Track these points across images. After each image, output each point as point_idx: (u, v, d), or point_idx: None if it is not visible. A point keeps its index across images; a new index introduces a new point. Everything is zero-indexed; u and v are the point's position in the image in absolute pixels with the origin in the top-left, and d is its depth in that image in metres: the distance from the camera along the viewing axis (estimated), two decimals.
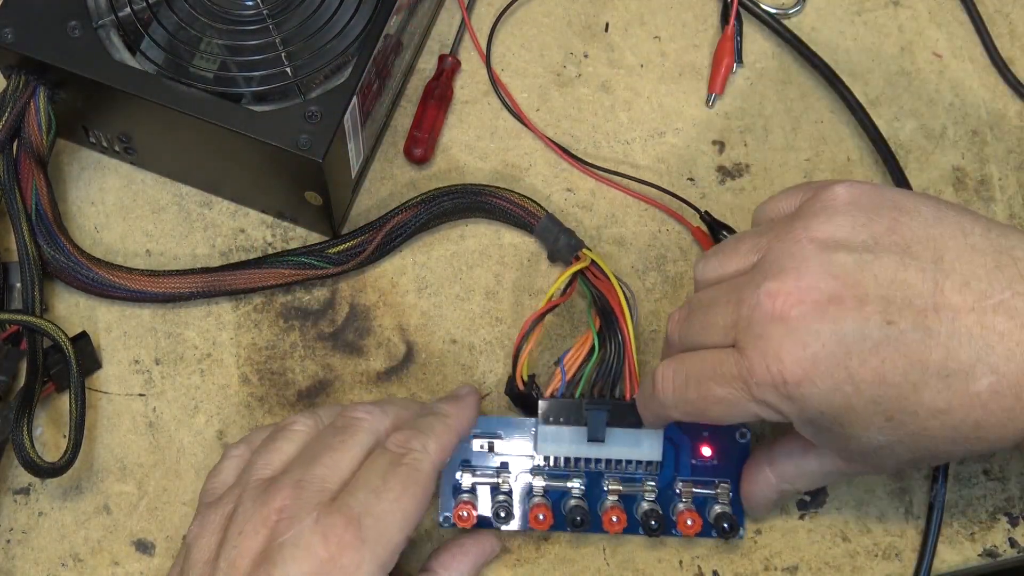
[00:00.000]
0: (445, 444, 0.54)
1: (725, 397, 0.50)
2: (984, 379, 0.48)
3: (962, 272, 0.48)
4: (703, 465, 0.59)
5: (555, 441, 0.58)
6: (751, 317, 0.49)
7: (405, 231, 0.64)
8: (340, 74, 0.60)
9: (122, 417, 0.62)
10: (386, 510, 0.50)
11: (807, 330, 0.48)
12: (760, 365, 0.49)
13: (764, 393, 0.49)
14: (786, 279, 0.49)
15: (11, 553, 0.60)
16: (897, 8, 0.72)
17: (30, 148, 0.61)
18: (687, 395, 0.52)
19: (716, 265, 0.54)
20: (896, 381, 0.48)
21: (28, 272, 0.61)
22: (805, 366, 0.48)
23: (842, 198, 0.51)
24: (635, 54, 0.70)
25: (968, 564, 0.61)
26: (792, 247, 0.50)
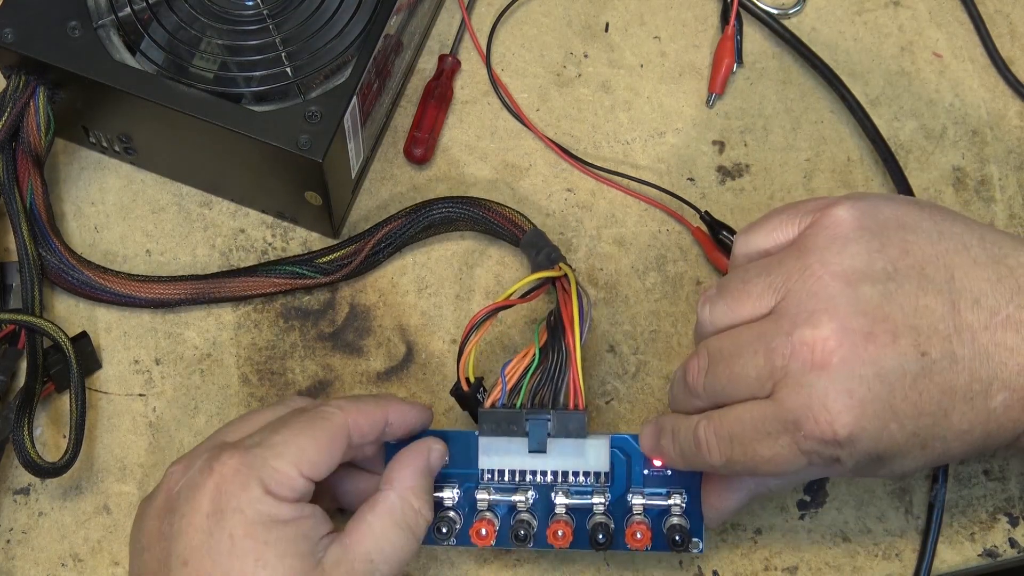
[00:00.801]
0: (368, 412, 0.53)
1: (773, 457, 0.48)
2: (999, 395, 0.48)
3: (971, 289, 0.48)
4: (656, 475, 0.56)
5: (497, 454, 0.56)
6: (788, 368, 0.48)
7: (394, 242, 0.64)
8: (340, 74, 0.60)
9: (122, 417, 0.62)
10: (278, 441, 0.50)
11: (850, 376, 0.47)
12: (807, 419, 0.47)
13: (812, 446, 0.48)
14: (819, 324, 0.47)
15: (11, 553, 0.60)
16: (897, 8, 0.72)
17: (28, 148, 0.61)
18: (734, 456, 0.49)
19: (726, 310, 0.51)
20: (931, 410, 0.48)
21: (28, 272, 0.61)
22: (855, 413, 0.47)
23: (848, 222, 0.49)
24: (635, 54, 0.70)
25: (968, 564, 0.61)
26: (814, 286, 0.48)
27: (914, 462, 0.49)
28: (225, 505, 0.48)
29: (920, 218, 0.50)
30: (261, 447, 0.50)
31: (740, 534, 0.61)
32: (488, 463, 0.56)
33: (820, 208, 0.51)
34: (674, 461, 0.53)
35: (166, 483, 0.51)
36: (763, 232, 0.53)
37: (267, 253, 0.65)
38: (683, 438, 0.52)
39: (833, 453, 0.48)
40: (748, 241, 0.53)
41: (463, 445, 0.56)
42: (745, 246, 0.53)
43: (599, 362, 0.64)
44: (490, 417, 0.56)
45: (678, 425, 0.53)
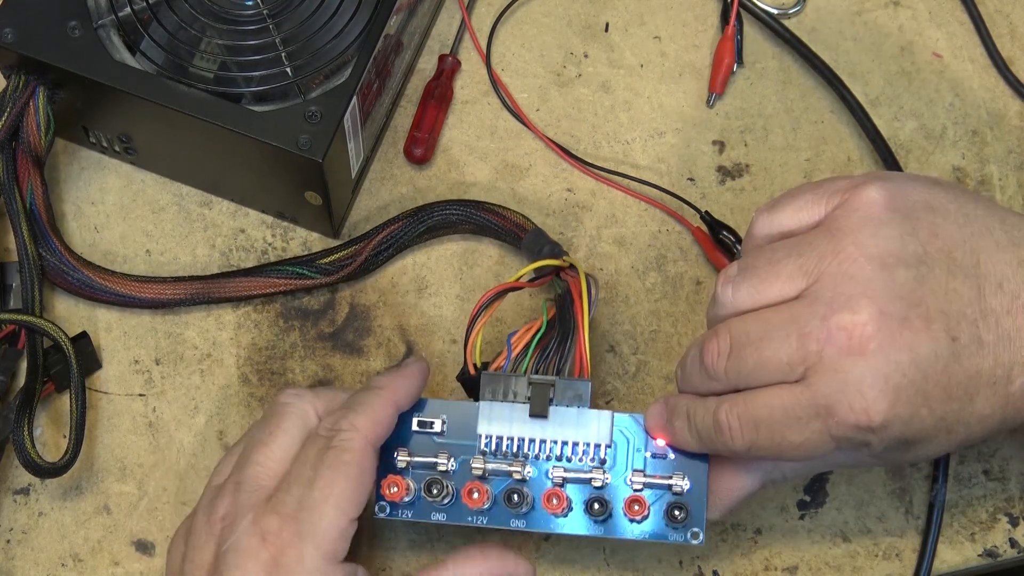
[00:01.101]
0: (377, 417, 0.52)
1: (803, 442, 0.48)
2: (1019, 379, 0.48)
3: (995, 274, 0.48)
4: (658, 459, 0.54)
5: (497, 419, 0.54)
6: (822, 353, 0.47)
7: (395, 244, 0.64)
8: (340, 74, 0.60)
9: (122, 417, 0.62)
10: (319, 499, 0.50)
11: (887, 362, 0.46)
12: (841, 404, 0.47)
13: (844, 431, 0.47)
14: (857, 309, 0.47)
15: (11, 553, 0.60)
16: (897, 8, 0.72)
17: (27, 148, 0.61)
18: (759, 441, 0.49)
19: (751, 291, 0.50)
20: (959, 395, 0.48)
21: (28, 272, 0.61)
22: (890, 399, 0.47)
23: (879, 203, 0.49)
24: (635, 54, 0.70)
25: (968, 564, 0.61)
26: (849, 268, 0.48)
27: (938, 447, 0.49)
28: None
29: (946, 200, 0.50)
30: (305, 510, 0.50)
31: (740, 534, 0.61)
32: (487, 428, 0.55)
33: (849, 188, 0.50)
34: (687, 443, 0.52)
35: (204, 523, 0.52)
36: (788, 211, 0.51)
37: (267, 253, 0.65)
38: (701, 420, 0.51)
39: (865, 438, 0.47)
40: (771, 220, 0.52)
41: (463, 417, 0.55)
42: (767, 225, 0.52)
43: (599, 362, 0.64)
44: (492, 380, 0.55)
45: (694, 407, 0.51)
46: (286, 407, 0.54)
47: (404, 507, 0.54)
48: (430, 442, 0.55)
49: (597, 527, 0.54)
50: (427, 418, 0.55)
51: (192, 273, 0.65)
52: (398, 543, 0.60)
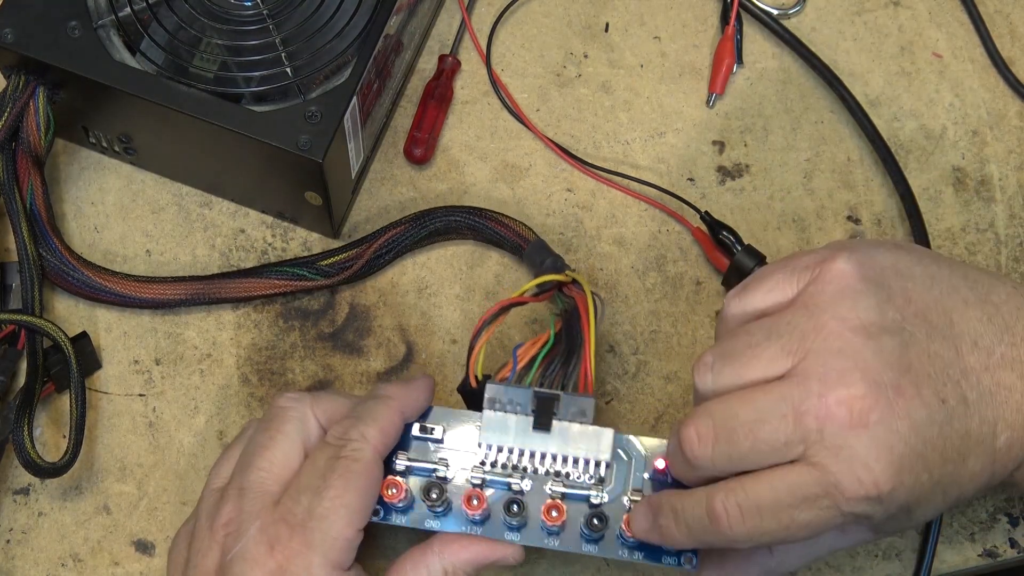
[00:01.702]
0: (386, 427, 0.52)
1: (811, 521, 0.47)
2: (1003, 435, 0.48)
3: (969, 332, 0.49)
4: (658, 481, 0.54)
5: (500, 430, 0.54)
6: (823, 430, 0.46)
7: (396, 247, 0.64)
8: (340, 74, 0.60)
9: (122, 417, 0.62)
10: (329, 508, 0.50)
11: (889, 432, 0.46)
12: (850, 479, 0.46)
13: (854, 506, 0.46)
14: (852, 383, 0.46)
15: (11, 553, 0.60)
16: (897, 8, 0.72)
17: (28, 148, 0.61)
18: (763, 527, 0.47)
19: (733, 376, 0.49)
20: (953, 457, 0.48)
21: (28, 272, 0.61)
22: (895, 468, 0.46)
23: (851, 274, 0.49)
24: (635, 54, 0.70)
25: (968, 564, 0.61)
26: (835, 343, 0.47)
27: (934, 510, 0.49)
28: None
29: (911, 263, 0.50)
30: (314, 519, 0.50)
31: None
32: (489, 438, 0.54)
33: (817, 263, 0.50)
34: (675, 540, 0.50)
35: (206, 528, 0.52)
36: (759, 293, 0.51)
37: (267, 253, 0.65)
38: (691, 514, 0.49)
39: (872, 510, 0.47)
40: (743, 303, 0.51)
41: (464, 425, 0.55)
42: (739, 307, 0.52)
43: (599, 362, 0.64)
44: (497, 392, 0.55)
45: (680, 502, 0.50)
46: (286, 411, 0.53)
47: (399, 512, 0.54)
48: (429, 448, 0.55)
49: (591, 545, 0.54)
50: (428, 424, 0.55)
51: (192, 273, 0.65)
52: (398, 544, 0.60)
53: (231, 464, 0.54)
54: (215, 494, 0.53)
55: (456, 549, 0.53)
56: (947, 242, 0.67)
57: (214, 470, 0.55)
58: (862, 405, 0.46)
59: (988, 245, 0.67)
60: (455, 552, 0.53)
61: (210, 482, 0.54)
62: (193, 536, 0.52)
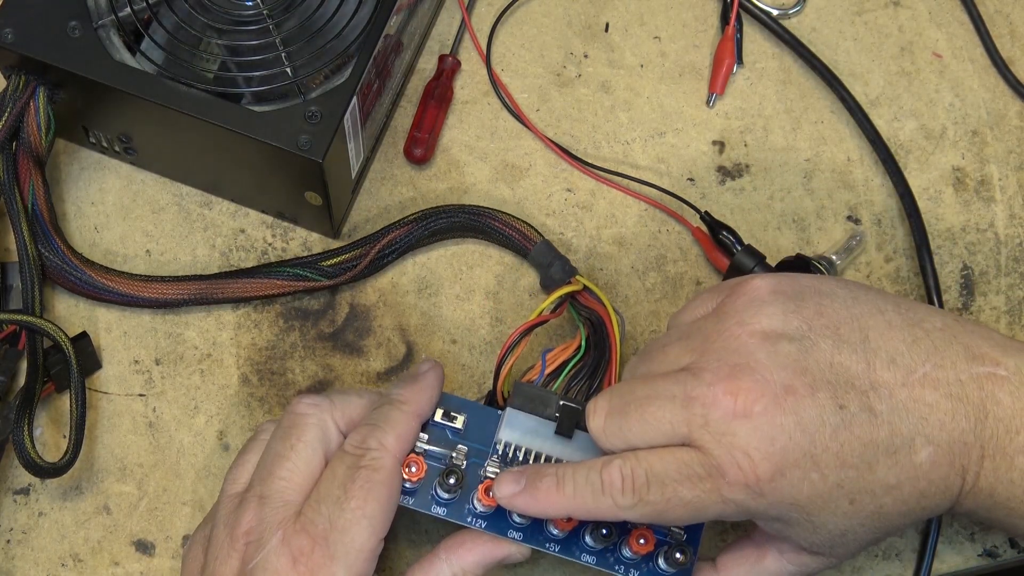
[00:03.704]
0: (404, 433, 0.53)
1: (692, 500, 0.49)
2: (923, 451, 0.49)
3: (887, 349, 0.50)
4: None
5: (521, 429, 0.54)
6: (708, 415, 0.48)
7: (399, 247, 0.64)
8: (340, 74, 0.60)
9: (122, 417, 0.62)
10: (350, 520, 0.50)
11: (772, 424, 0.48)
12: (731, 464, 0.48)
13: (735, 492, 0.48)
14: (740, 376, 0.49)
15: (11, 553, 0.60)
16: (897, 8, 0.72)
17: (28, 148, 0.61)
18: (648, 497, 0.49)
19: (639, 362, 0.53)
20: (854, 463, 0.49)
21: (28, 272, 0.61)
22: (775, 460, 0.48)
23: (764, 288, 0.51)
24: (635, 54, 0.70)
25: (968, 564, 0.61)
26: (733, 343, 0.50)
27: (845, 519, 0.50)
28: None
29: (836, 286, 0.52)
30: (336, 531, 0.50)
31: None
32: (509, 436, 0.54)
33: (739, 281, 0.52)
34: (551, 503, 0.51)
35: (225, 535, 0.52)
36: (688, 310, 0.55)
37: (267, 253, 0.65)
38: (581, 479, 0.50)
39: (755, 502, 0.48)
40: (675, 320, 0.55)
41: (481, 421, 0.55)
42: (673, 324, 0.55)
43: None
44: (524, 392, 0.55)
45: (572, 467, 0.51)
46: (305, 418, 0.53)
47: (407, 493, 0.54)
48: (447, 437, 0.55)
49: (588, 556, 0.54)
50: (453, 412, 0.55)
51: (192, 273, 0.65)
52: (395, 544, 0.60)
53: (247, 469, 0.54)
54: (233, 500, 0.53)
55: (463, 553, 0.53)
56: (947, 242, 0.67)
57: (230, 475, 0.54)
58: (747, 397, 0.48)
59: (988, 245, 0.67)
60: (462, 556, 0.53)
61: (226, 487, 0.54)
62: (210, 542, 0.52)
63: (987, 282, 0.66)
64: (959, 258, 0.67)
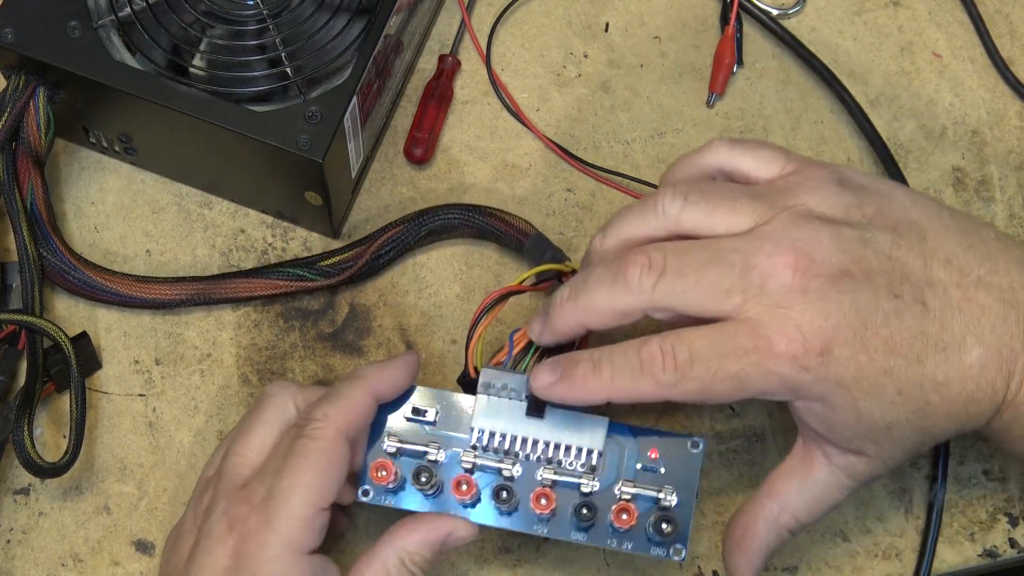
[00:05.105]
0: (351, 406, 0.52)
1: (738, 372, 0.49)
2: (974, 351, 0.49)
3: (943, 251, 0.50)
4: (650, 470, 0.54)
5: (493, 414, 0.54)
6: (764, 285, 0.49)
7: (396, 247, 0.64)
8: (340, 74, 0.60)
9: (122, 417, 0.62)
10: (285, 488, 0.50)
11: (827, 301, 0.48)
12: (781, 335, 0.48)
13: (781, 365, 0.48)
14: (802, 252, 0.49)
15: (11, 553, 0.60)
16: (897, 8, 0.72)
17: (28, 148, 0.61)
18: (693, 372, 0.49)
19: (703, 214, 0.51)
20: (903, 352, 0.49)
21: (28, 272, 0.61)
22: (826, 336, 0.48)
23: (831, 179, 0.52)
24: (635, 54, 0.70)
25: (968, 564, 0.61)
26: (799, 220, 0.50)
27: (892, 408, 0.49)
28: (245, 565, 0.50)
29: (894, 188, 0.53)
30: (273, 499, 0.50)
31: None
32: (482, 423, 0.54)
33: (805, 162, 0.53)
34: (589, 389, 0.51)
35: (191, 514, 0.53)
36: (750, 156, 0.54)
37: (267, 253, 0.65)
38: (620, 360, 0.50)
39: (800, 377, 0.48)
40: (732, 155, 0.55)
41: (457, 409, 0.55)
42: (727, 158, 0.55)
43: None
44: (492, 376, 0.55)
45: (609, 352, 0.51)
46: (267, 398, 0.54)
47: (388, 493, 0.54)
48: (421, 431, 0.55)
49: (579, 534, 0.54)
50: (421, 406, 0.55)
51: (192, 273, 0.65)
52: None
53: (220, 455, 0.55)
54: (203, 483, 0.54)
55: (403, 535, 0.52)
56: None
57: (208, 461, 0.56)
58: (806, 272, 0.49)
59: None
60: (403, 537, 0.52)
61: (203, 472, 0.55)
62: (180, 522, 0.54)
63: None
64: None
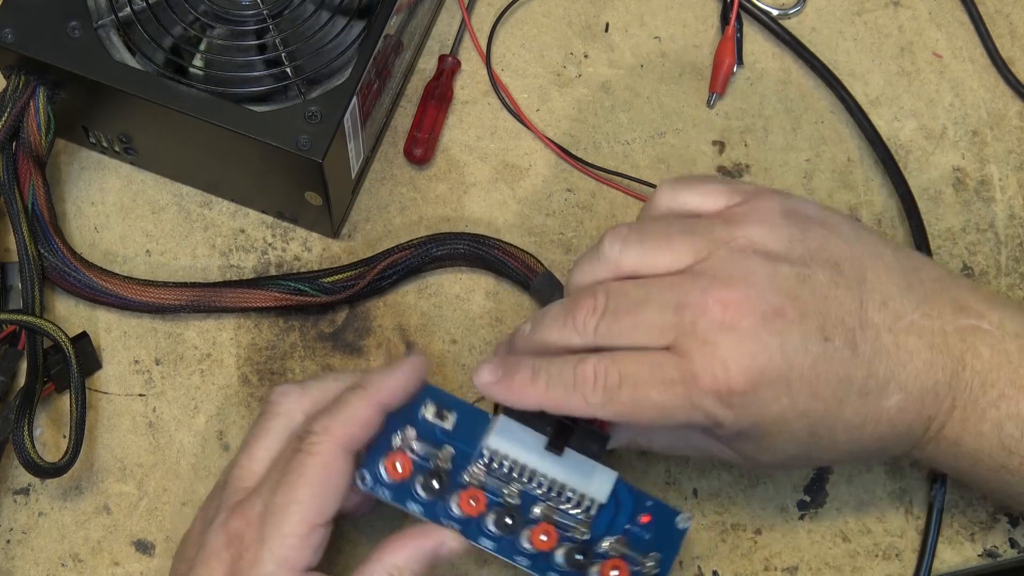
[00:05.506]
0: (354, 420, 0.51)
1: (662, 403, 0.49)
2: (894, 396, 0.50)
3: (881, 291, 0.50)
4: (637, 533, 0.53)
5: (511, 438, 0.52)
6: (696, 322, 0.49)
7: (400, 271, 0.63)
8: (340, 74, 0.60)
9: (122, 417, 0.62)
10: (280, 504, 0.49)
11: (756, 340, 0.48)
12: (706, 372, 0.48)
13: (704, 400, 0.49)
14: (736, 288, 0.49)
15: (11, 553, 0.60)
16: (897, 8, 0.72)
17: (28, 148, 0.61)
18: (619, 396, 0.49)
19: (641, 255, 0.52)
20: (826, 396, 0.49)
21: (28, 272, 0.61)
22: (752, 376, 0.48)
23: (776, 210, 0.51)
24: (635, 54, 0.70)
25: (968, 564, 0.61)
26: (737, 256, 0.50)
27: (798, 448, 0.50)
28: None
29: (841, 222, 0.53)
30: (269, 514, 0.49)
31: (740, 534, 0.61)
32: (497, 444, 0.52)
33: (753, 193, 0.53)
34: (526, 396, 0.51)
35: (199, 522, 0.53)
36: (695, 193, 0.54)
37: (267, 253, 0.65)
38: (556, 373, 0.51)
39: (718, 413, 0.49)
40: (676, 195, 0.54)
41: (469, 422, 0.53)
42: (671, 199, 0.54)
43: None
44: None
45: (545, 362, 0.51)
46: (272, 407, 0.53)
47: (385, 486, 0.52)
48: (434, 435, 0.53)
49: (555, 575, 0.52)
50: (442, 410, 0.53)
51: (192, 273, 0.65)
52: None
53: None
54: (214, 490, 0.54)
55: (391, 550, 0.50)
56: (947, 242, 0.67)
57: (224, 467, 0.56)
58: (737, 310, 0.49)
59: (988, 245, 0.67)
60: (392, 553, 0.50)
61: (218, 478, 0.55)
62: (190, 528, 0.54)
63: (987, 282, 0.66)
64: (959, 258, 0.67)
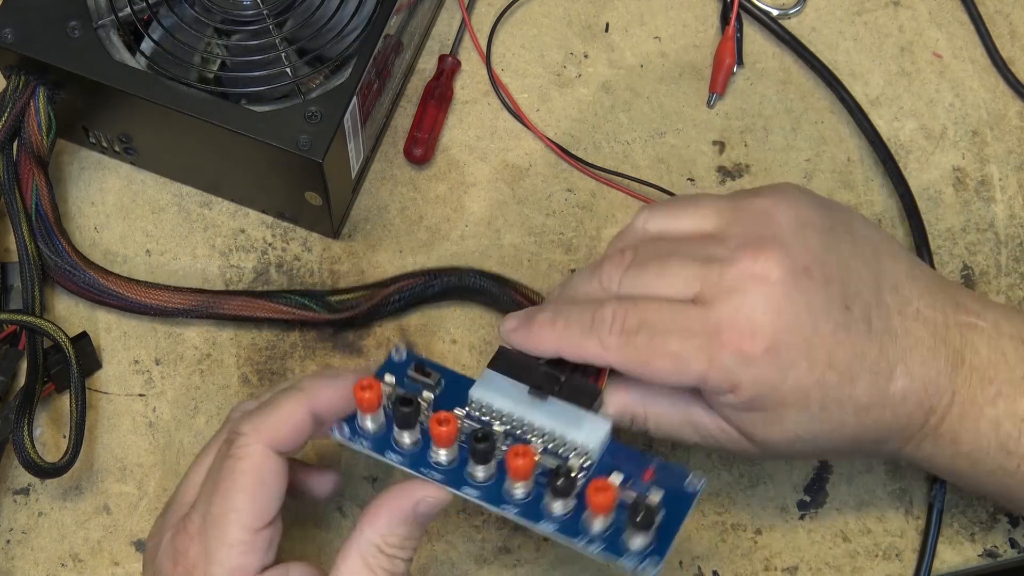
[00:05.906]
0: (283, 420, 0.49)
1: (679, 352, 0.48)
2: (900, 381, 0.50)
3: (891, 276, 0.51)
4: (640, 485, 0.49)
5: (495, 389, 0.51)
6: (724, 272, 0.48)
7: (407, 298, 0.63)
8: (340, 74, 0.60)
9: (122, 417, 0.62)
10: (217, 514, 0.48)
11: (784, 296, 0.48)
12: (730, 324, 0.48)
13: (724, 354, 0.48)
14: (765, 246, 0.49)
15: (11, 553, 0.60)
16: (897, 8, 0.72)
17: (30, 148, 0.61)
18: (635, 341, 0.48)
19: (666, 220, 0.52)
20: (842, 368, 0.49)
21: (28, 272, 0.61)
22: (777, 332, 0.48)
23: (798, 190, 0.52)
24: (635, 54, 0.70)
25: (968, 564, 0.61)
26: (764, 218, 0.50)
27: (807, 424, 0.49)
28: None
29: (852, 210, 0.54)
30: (208, 527, 0.49)
31: (740, 534, 0.61)
32: (480, 394, 0.51)
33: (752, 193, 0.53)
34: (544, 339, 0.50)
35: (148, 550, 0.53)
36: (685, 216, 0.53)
37: (267, 253, 0.65)
38: (575, 315, 0.50)
39: (738, 372, 0.48)
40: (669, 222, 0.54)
41: (459, 387, 0.52)
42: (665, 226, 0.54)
43: None
44: (507, 357, 0.52)
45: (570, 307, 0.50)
46: (224, 423, 0.54)
47: (364, 436, 0.50)
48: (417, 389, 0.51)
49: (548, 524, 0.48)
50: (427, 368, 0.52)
51: (192, 273, 0.65)
52: None
53: None
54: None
55: (370, 519, 0.48)
56: (947, 242, 0.67)
57: None
58: (767, 261, 0.48)
59: (988, 245, 0.67)
60: (370, 522, 0.48)
61: None
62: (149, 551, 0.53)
63: (987, 282, 0.66)
64: (959, 258, 0.67)
